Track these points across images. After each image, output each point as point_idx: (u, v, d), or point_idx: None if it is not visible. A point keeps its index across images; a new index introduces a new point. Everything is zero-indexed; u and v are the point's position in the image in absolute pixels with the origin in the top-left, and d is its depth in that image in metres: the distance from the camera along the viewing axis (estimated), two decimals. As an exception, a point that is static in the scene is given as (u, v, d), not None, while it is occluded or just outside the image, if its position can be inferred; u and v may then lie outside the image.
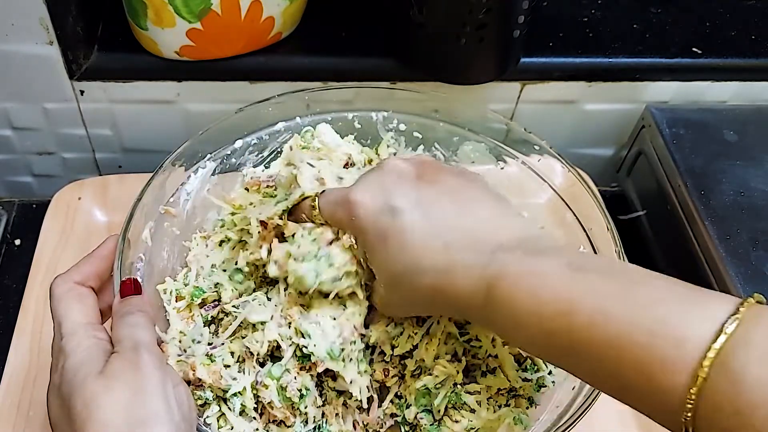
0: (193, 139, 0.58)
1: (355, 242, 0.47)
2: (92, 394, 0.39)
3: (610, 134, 0.85)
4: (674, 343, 0.34)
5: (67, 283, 0.46)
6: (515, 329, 0.41)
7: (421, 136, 0.63)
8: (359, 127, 0.62)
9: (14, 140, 0.80)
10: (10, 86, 0.73)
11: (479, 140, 0.62)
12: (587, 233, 0.57)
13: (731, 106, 0.81)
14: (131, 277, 0.49)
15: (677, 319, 0.34)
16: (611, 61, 0.77)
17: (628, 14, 0.81)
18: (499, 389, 0.54)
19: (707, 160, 0.73)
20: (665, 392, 0.34)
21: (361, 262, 0.48)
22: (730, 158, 0.74)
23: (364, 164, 0.56)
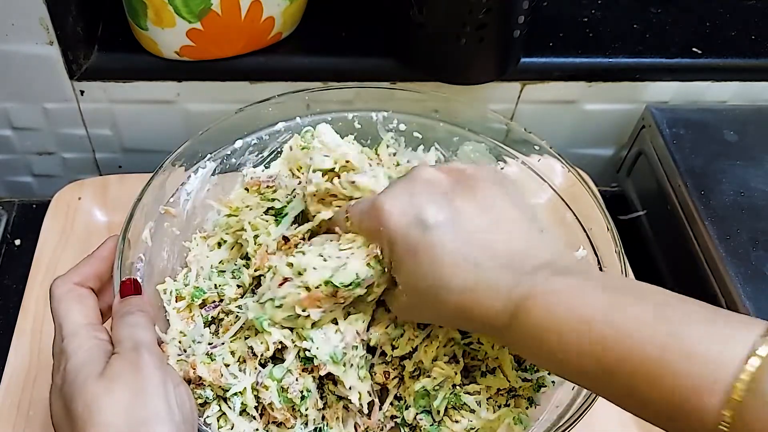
0: (193, 139, 0.58)
1: (380, 252, 0.46)
2: (93, 395, 0.39)
3: (610, 134, 0.85)
4: (708, 365, 0.34)
5: (66, 284, 0.46)
6: (543, 351, 0.41)
7: (421, 136, 0.63)
8: (359, 127, 0.62)
9: (14, 140, 0.80)
10: (10, 86, 0.73)
11: (479, 140, 0.62)
12: (587, 233, 0.57)
13: (731, 106, 0.81)
14: (131, 277, 0.49)
15: (710, 341, 0.35)
16: (611, 61, 0.77)
17: (628, 14, 0.81)
18: (498, 389, 0.54)
19: (707, 160, 0.73)
20: (699, 414, 0.34)
21: (376, 267, 0.47)
22: (730, 158, 0.74)
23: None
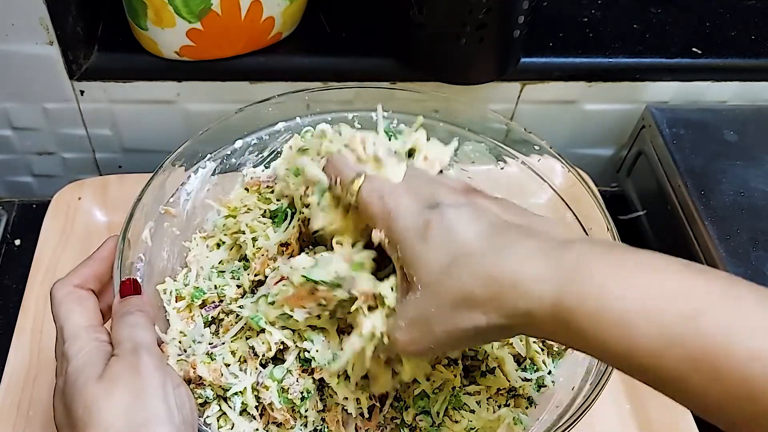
0: (193, 139, 0.58)
1: (383, 237, 0.42)
2: (93, 398, 0.39)
3: (610, 134, 0.85)
4: None
5: (66, 286, 0.46)
6: (611, 335, 0.33)
7: (421, 136, 0.63)
8: (359, 127, 0.62)
9: (14, 140, 0.80)
10: (10, 86, 0.73)
11: (479, 140, 0.62)
12: (587, 233, 0.57)
13: (731, 106, 0.81)
14: (130, 277, 0.49)
15: None
16: (611, 61, 0.77)
17: (628, 14, 0.81)
18: (498, 389, 0.54)
19: (707, 160, 0.73)
20: None
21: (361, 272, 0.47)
22: (730, 158, 0.74)
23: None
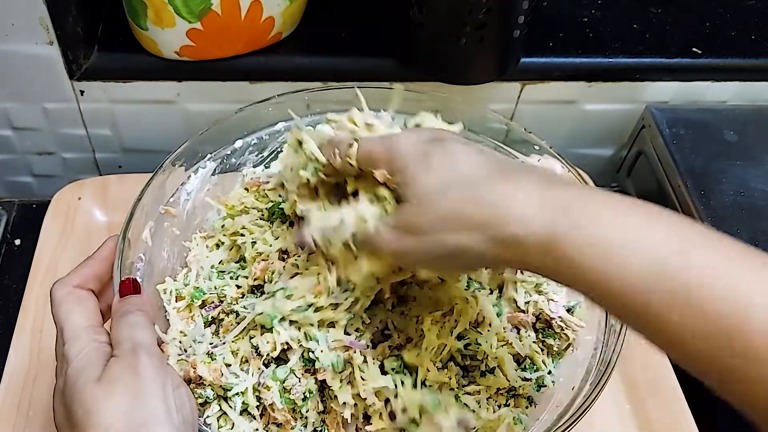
0: (193, 139, 0.58)
1: (389, 177, 0.43)
2: (92, 399, 0.39)
3: (610, 134, 0.85)
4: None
5: (66, 286, 0.46)
6: (601, 270, 0.34)
7: (421, 136, 0.63)
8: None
9: (14, 140, 0.80)
10: (10, 86, 0.73)
11: (479, 140, 0.62)
12: (587, 233, 0.56)
13: (731, 106, 0.81)
14: (130, 276, 0.49)
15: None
16: (611, 61, 0.77)
17: (628, 14, 0.81)
18: (498, 389, 0.54)
19: (707, 160, 0.73)
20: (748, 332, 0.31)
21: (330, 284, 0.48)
22: (730, 158, 0.74)
23: None
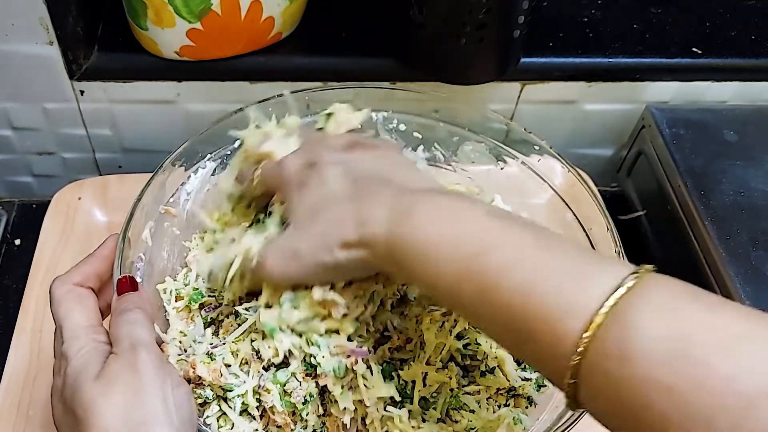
0: (193, 139, 0.58)
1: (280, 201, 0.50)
2: (91, 397, 0.39)
3: (610, 134, 0.85)
4: (578, 291, 0.35)
5: (66, 284, 0.46)
6: (423, 269, 0.41)
7: (421, 136, 0.63)
8: (359, 127, 0.62)
9: (14, 140, 0.80)
10: (10, 86, 0.73)
11: (479, 140, 0.62)
12: (587, 233, 0.57)
13: (731, 106, 0.80)
14: (128, 274, 0.49)
15: (585, 271, 0.36)
16: (611, 61, 0.77)
17: (628, 14, 0.81)
18: (498, 389, 0.54)
19: (707, 160, 0.73)
20: (561, 338, 0.35)
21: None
22: (730, 158, 0.73)
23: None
